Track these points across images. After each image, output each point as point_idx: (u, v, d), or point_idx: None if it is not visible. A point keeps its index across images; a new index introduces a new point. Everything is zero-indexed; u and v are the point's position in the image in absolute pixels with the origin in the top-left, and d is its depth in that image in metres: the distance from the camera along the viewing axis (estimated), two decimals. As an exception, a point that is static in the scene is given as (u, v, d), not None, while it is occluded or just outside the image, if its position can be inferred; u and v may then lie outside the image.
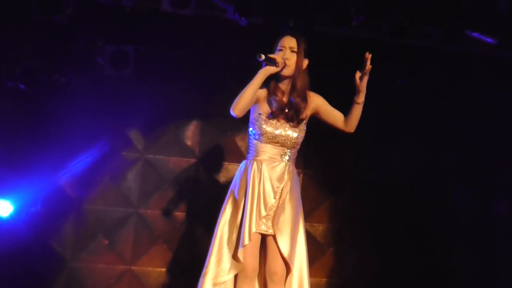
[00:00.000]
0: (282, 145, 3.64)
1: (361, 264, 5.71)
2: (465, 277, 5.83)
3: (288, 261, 3.53)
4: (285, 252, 3.53)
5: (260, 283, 3.67)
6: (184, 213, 5.53)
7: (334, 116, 3.72)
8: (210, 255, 3.57)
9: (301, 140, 3.70)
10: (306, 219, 3.76)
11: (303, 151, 3.91)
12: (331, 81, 5.37)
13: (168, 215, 5.48)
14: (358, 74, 3.54)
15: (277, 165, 3.63)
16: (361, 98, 3.58)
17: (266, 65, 3.54)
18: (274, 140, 3.63)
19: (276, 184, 3.61)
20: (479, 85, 5.92)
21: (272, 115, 3.64)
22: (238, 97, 3.51)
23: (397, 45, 5.38)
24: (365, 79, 3.53)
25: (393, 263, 5.75)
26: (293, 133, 3.65)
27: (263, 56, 3.51)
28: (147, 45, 5.36)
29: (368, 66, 3.48)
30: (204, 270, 3.56)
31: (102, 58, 5.11)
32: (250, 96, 3.52)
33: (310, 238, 3.77)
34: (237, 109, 3.51)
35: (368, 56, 3.47)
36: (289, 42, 3.65)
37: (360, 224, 5.79)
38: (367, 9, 5.15)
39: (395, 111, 5.87)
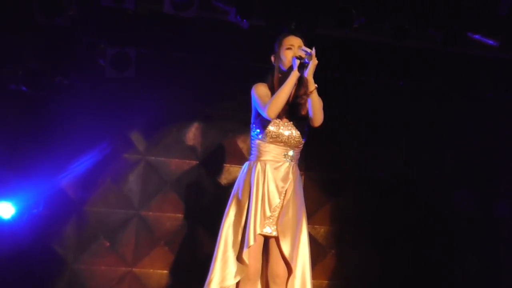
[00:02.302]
0: (286, 144, 3.63)
1: (363, 265, 5.70)
2: (466, 278, 5.83)
3: (290, 263, 3.52)
4: (287, 254, 3.52)
5: (262, 285, 3.65)
6: (186, 215, 5.53)
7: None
8: (215, 259, 3.55)
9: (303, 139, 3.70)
10: (308, 221, 3.75)
11: (304, 153, 3.90)
12: (332, 82, 5.38)
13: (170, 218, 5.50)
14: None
15: (281, 165, 3.63)
16: (309, 88, 3.52)
17: (299, 66, 3.51)
18: (277, 139, 3.62)
19: (280, 184, 3.60)
20: (480, 87, 5.93)
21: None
22: (274, 99, 3.50)
23: (398, 47, 5.39)
24: (310, 69, 3.50)
25: (394, 265, 5.75)
26: (296, 132, 3.65)
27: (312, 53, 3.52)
28: (148, 47, 5.37)
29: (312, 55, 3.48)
30: (209, 275, 3.54)
31: (104, 60, 5.13)
32: (286, 98, 3.52)
33: (311, 240, 3.75)
34: (273, 113, 3.51)
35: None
36: (297, 41, 3.66)
37: (361, 225, 5.79)
38: (368, 11, 5.14)
39: (396, 113, 5.88)
